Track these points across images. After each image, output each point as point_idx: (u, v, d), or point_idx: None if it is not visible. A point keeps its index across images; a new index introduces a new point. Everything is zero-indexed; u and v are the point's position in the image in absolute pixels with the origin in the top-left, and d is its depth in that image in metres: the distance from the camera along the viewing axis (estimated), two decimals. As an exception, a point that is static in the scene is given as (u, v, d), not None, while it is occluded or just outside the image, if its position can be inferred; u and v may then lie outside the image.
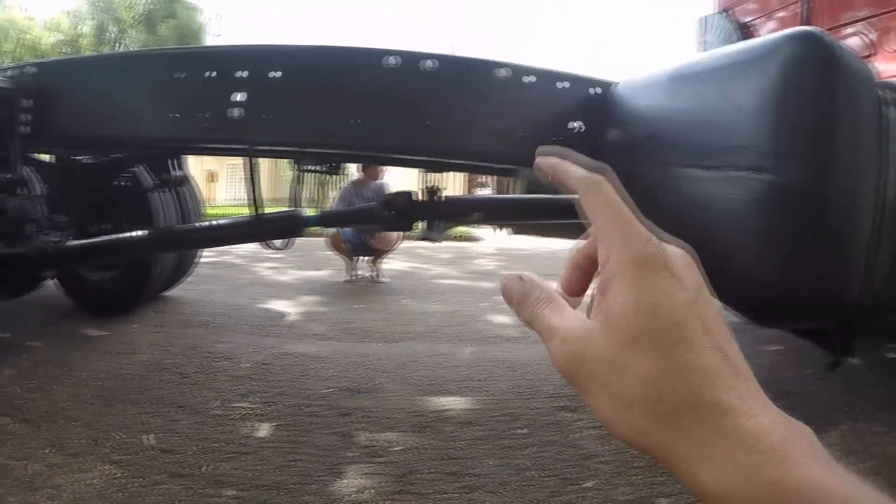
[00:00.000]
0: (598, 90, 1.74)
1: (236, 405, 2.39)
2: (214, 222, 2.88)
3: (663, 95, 1.37)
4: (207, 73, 1.87)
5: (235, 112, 1.79)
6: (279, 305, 4.41)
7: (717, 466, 0.26)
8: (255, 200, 2.18)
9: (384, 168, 5.44)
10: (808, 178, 1.02)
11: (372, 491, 1.81)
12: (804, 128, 1.04)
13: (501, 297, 0.36)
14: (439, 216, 2.29)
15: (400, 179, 4.26)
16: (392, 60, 1.73)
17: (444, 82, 1.75)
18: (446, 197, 2.33)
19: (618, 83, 1.70)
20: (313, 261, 7.16)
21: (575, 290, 0.37)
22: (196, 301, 4.46)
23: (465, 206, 2.35)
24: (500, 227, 3.72)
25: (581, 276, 0.37)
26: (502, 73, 1.73)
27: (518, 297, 0.35)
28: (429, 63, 1.72)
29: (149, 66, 2.06)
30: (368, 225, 4.89)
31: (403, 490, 1.81)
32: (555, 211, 2.19)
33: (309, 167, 3.04)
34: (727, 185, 1.11)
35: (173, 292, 4.48)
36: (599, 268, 0.32)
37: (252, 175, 2.13)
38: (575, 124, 1.74)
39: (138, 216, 3.45)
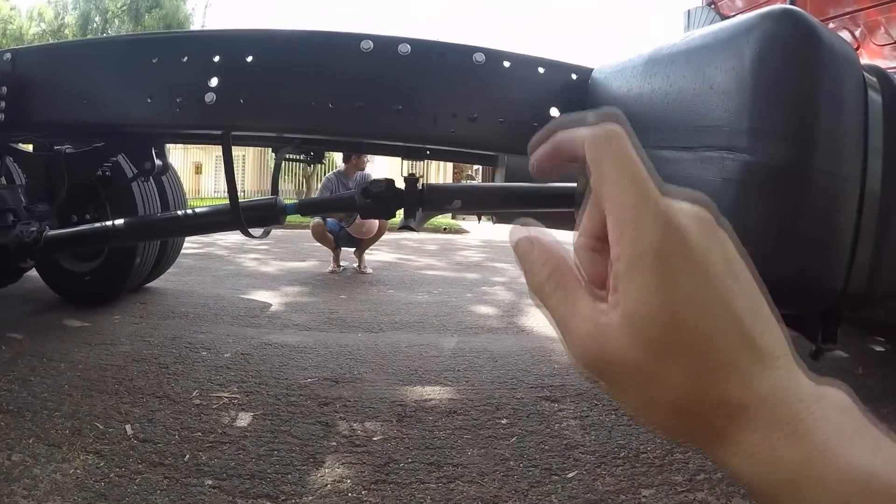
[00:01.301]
0: (576, 76, 1.73)
1: (216, 395, 2.38)
2: (192, 210, 2.85)
3: (639, 78, 1.36)
4: (180, 58, 1.84)
5: (208, 97, 1.76)
6: (262, 296, 4.38)
7: (749, 457, 0.26)
8: (233, 188, 2.15)
9: (368, 159, 5.42)
10: (786, 157, 1.00)
11: (351, 480, 1.80)
12: (782, 105, 1.00)
13: (486, 288, 0.34)
14: (419, 204, 2.27)
15: (386, 170, 4.24)
16: (366, 45, 1.70)
17: (420, 67, 1.72)
18: (426, 185, 2.32)
19: (594, 69, 1.68)
20: (298, 252, 7.15)
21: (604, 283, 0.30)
22: (178, 292, 4.43)
23: (444, 194, 2.33)
24: (483, 215, 3.67)
25: (602, 260, 0.31)
26: (479, 57, 1.71)
27: (525, 265, 0.31)
28: (403, 47, 1.70)
29: (122, 51, 2.02)
30: (347, 212, 4.89)
31: (383, 480, 1.81)
32: (538, 199, 2.19)
33: (290, 156, 3.01)
34: (701, 165, 1.10)
35: (156, 283, 4.45)
36: (611, 249, 0.28)
37: (229, 162, 2.10)
38: (554, 110, 1.72)
39: (120, 206, 3.41)
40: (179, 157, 19.32)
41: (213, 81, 1.81)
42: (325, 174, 7.02)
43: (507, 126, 1.71)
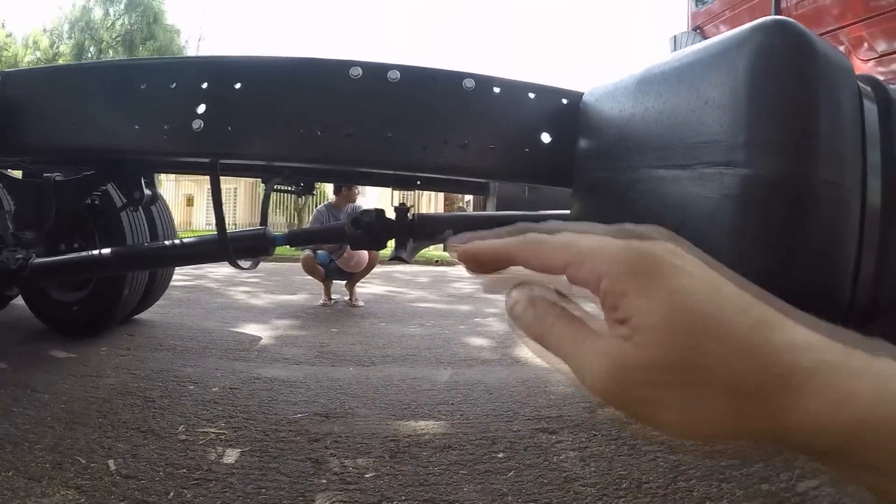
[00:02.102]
0: (567, 100, 1.71)
1: (203, 430, 2.30)
2: (180, 241, 2.80)
3: (631, 99, 1.33)
4: (168, 84, 1.82)
5: (195, 124, 1.73)
6: (251, 329, 4.31)
7: (816, 408, 0.26)
8: (220, 218, 2.11)
9: (359, 190, 5.40)
10: (786, 169, 0.97)
11: (342, 519, 1.73)
12: (780, 116, 0.98)
13: (479, 320, 0.33)
14: (410, 234, 2.23)
15: (377, 201, 4.22)
16: (355, 71, 1.68)
17: (409, 93, 1.70)
18: (417, 215, 2.29)
19: (585, 93, 1.66)
20: (289, 285, 7.08)
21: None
22: (167, 324, 4.35)
23: (436, 224, 2.30)
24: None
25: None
26: (469, 83, 1.69)
27: (529, 320, 0.34)
28: (392, 74, 1.68)
29: (109, 76, 2.00)
30: (337, 244, 4.86)
31: (375, 518, 1.74)
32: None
33: (279, 187, 2.99)
34: (699, 183, 1.07)
35: (145, 315, 4.38)
36: (595, 292, 0.30)
37: (217, 191, 2.06)
38: (545, 136, 1.70)
39: (109, 235, 3.39)
40: (171, 189, 19.33)
41: (201, 108, 1.78)
42: (315, 206, 7.00)
43: (498, 152, 1.68)
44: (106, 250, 2.59)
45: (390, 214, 2.33)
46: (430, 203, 17.96)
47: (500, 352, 3.84)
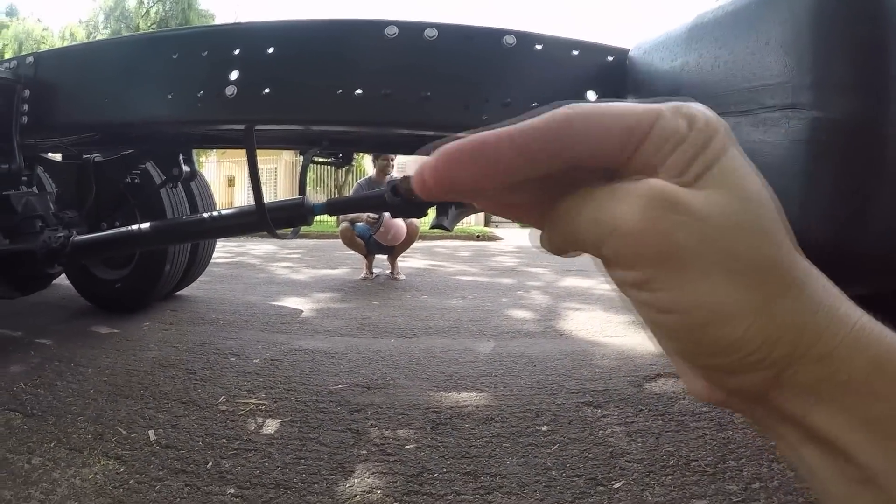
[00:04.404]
0: (612, 57, 1.61)
1: (243, 401, 2.28)
2: (217, 213, 2.78)
3: (683, 48, 1.24)
4: (199, 53, 1.78)
5: (229, 90, 1.69)
6: (293, 303, 4.32)
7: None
8: (258, 189, 2.07)
9: (393, 163, 5.33)
10: (859, 110, 0.87)
11: (382, 491, 1.68)
12: (850, 53, 0.88)
13: (522, 293, 0.26)
14: (452, 201, 2.17)
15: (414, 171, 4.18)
16: (391, 31, 1.61)
17: (447, 51, 1.62)
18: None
19: (631, 48, 1.56)
20: (330, 260, 7.10)
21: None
22: (209, 299, 4.39)
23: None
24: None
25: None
26: (509, 40, 1.60)
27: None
28: (430, 32, 1.60)
29: (140, 49, 1.97)
30: (378, 212, 4.80)
31: (416, 490, 1.69)
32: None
33: (317, 158, 2.95)
34: (762, 129, 0.97)
35: (187, 291, 4.43)
36: (664, 160, 0.24)
37: (253, 162, 2.02)
38: (591, 93, 1.60)
39: (150, 212, 3.41)
40: (212, 170, 19.58)
41: (234, 74, 1.74)
42: (356, 181, 6.98)
43: (542, 110, 1.60)
44: (144, 225, 2.59)
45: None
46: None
47: (543, 324, 3.76)
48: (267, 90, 1.69)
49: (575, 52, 1.65)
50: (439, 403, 2.32)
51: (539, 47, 1.64)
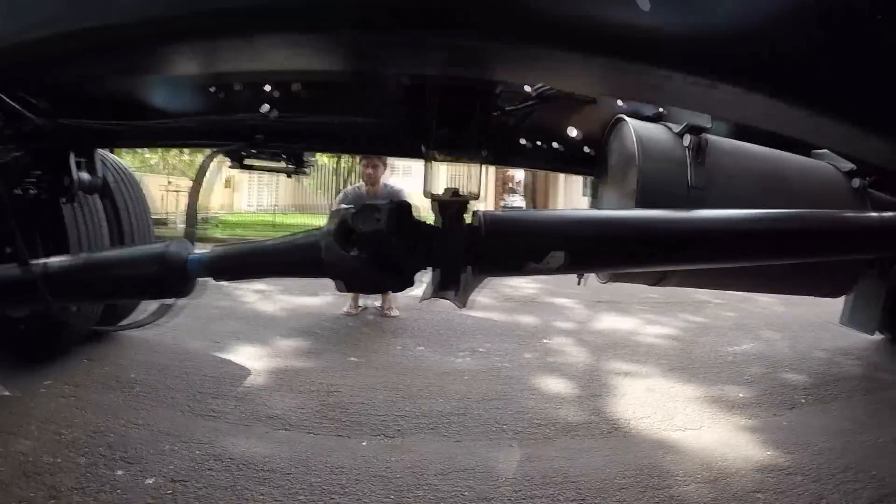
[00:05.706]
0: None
1: None
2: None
3: None
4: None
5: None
6: (243, 357, 3.17)
7: None
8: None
9: (384, 166, 4.25)
10: None
11: None
12: None
13: (548, 342, 0.09)
14: (467, 258, 1.06)
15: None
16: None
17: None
18: (484, 215, 1.09)
19: None
20: (311, 282, 5.97)
21: None
22: (141, 342, 3.28)
23: (525, 238, 1.11)
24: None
25: None
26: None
27: None
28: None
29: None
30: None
31: None
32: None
33: (253, 162, 1.91)
34: None
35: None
36: None
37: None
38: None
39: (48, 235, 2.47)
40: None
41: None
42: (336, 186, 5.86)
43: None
44: None
45: (425, 210, 1.16)
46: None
47: (586, 407, 2.61)
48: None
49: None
50: None
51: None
